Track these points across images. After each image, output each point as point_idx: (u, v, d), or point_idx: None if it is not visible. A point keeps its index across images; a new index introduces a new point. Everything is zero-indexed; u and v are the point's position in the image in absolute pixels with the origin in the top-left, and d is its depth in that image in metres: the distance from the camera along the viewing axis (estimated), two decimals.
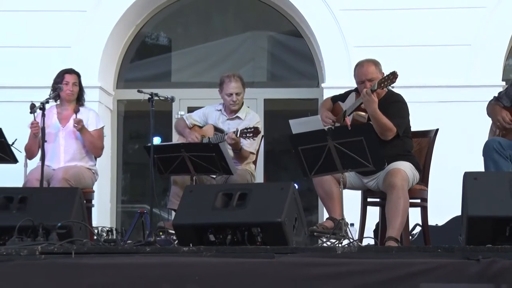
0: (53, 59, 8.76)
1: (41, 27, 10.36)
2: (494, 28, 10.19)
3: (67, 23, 10.41)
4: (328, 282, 4.57)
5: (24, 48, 10.26)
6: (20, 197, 5.61)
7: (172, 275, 4.69)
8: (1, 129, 7.02)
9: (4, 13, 10.44)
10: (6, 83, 10.06)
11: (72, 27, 10.45)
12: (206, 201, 5.31)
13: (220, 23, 11.69)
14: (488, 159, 6.10)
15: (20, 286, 4.67)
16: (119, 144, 11.20)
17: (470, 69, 10.07)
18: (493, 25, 10.18)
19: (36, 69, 8.97)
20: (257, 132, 7.26)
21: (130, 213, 10.88)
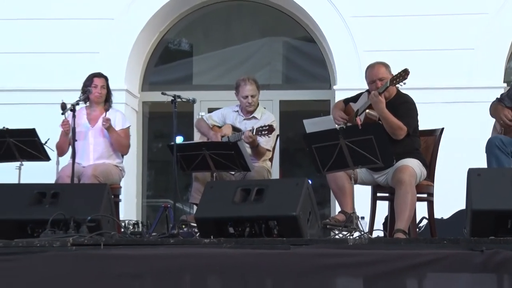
0: (83, 64, 8.78)
1: (72, 34, 10.39)
2: (495, 33, 10.17)
3: (96, 30, 10.44)
4: (340, 271, 4.58)
5: (56, 54, 10.29)
6: (52, 192, 5.63)
7: (194, 265, 4.70)
8: (34, 129, 7.05)
9: (37, 21, 10.47)
10: (39, 86, 10.09)
11: (101, 33, 10.47)
12: (225, 196, 5.32)
13: (239, 29, 11.68)
14: (490, 155, 6.08)
15: (53, 276, 4.69)
16: (144, 143, 11.22)
17: (473, 72, 10.05)
18: (494, 30, 10.16)
19: (67, 73, 9.00)
20: (271, 130, 7.26)
21: (155, 207, 10.90)
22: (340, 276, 4.59)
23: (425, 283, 4.54)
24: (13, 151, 7.08)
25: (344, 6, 10.37)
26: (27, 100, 9.87)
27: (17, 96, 10.05)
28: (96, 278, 4.67)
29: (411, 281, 4.55)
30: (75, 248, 4.78)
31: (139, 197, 11.01)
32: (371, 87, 6.69)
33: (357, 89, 7.23)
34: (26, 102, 9.77)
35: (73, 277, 4.68)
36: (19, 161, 7.25)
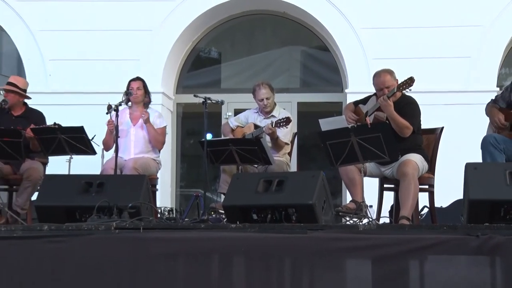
0: (126, 70, 8.81)
1: (116, 44, 10.46)
2: (489, 43, 10.16)
3: (136, 40, 10.49)
4: (351, 254, 4.57)
5: (102, 61, 10.36)
6: (98, 182, 5.65)
7: (222, 247, 4.70)
8: (82, 127, 7.06)
9: (87, 32, 10.54)
10: (87, 89, 10.15)
11: (141, 43, 10.52)
12: (250, 186, 5.31)
13: (261, 39, 11.68)
14: (485, 152, 6.05)
15: (98, 256, 4.70)
16: (178, 140, 11.25)
17: (470, 77, 10.04)
18: (488, 40, 10.15)
19: (111, 78, 9.03)
20: (289, 121, 7.27)
21: (187, 196, 10.91)
22: (351, 257, 4.59)
23: (426, 264, 4.52)
24: (64, 146, 7.10)
25: (355, 18, 10.37)
26: (77, 102, 9.93)
27: (68, 98, 10.10)
28: (135, 258, 4.69)
29: (414, 263, 4.54)
30: (118, 232, 4.80)
31: (173, 187, 11.04)
32: (379, 93, 6.66)
33: (366, 92, 7.21)
34: (76, 103, 9.83)
35: (116, 257, 4.70)
36: (69, 155, 7.26)
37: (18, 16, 10.82)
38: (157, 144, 7.76)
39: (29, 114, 7.63)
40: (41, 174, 7.17)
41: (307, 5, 10.56)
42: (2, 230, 5.06)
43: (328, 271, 4.57)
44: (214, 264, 4.71)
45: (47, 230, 4.86)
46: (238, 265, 4.70)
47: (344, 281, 4.64)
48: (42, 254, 4.73)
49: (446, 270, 4.45)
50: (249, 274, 4.68)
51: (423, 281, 4.51)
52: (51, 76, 10.62)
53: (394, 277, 4.49)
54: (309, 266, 4.58)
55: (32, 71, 10.62)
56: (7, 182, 7.46)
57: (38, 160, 7.41)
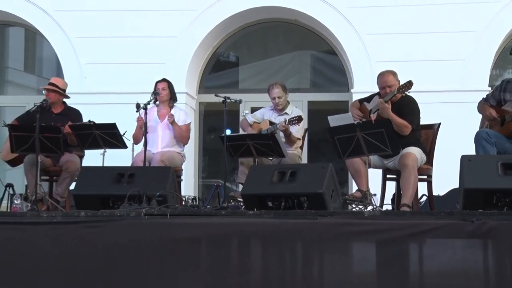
0: (153, 72, 8.81)
1: (144, 49, 10.49)
2: (482, 47, 10.12)
3: (163, 45, 10.51)
4: (357, 237, 4.57)
5: (132, 64, 10.39)
6: (129, 173, 5.68)
7: (240, 231, 4.71)
8: (115, 124, 7.07)
9: (118, 38, 10.56)
10: (119, 90, 10.17)
11: (167, 48, 10.54)
12: (265, 177, 5.31)
13: (275, 44, 11.68)
14: (478, 145, 6.02)
15: (129, 239, 4.72)
16: (200, 135, 11.26)
17: (464, 78, 9.99)
18: (481, 45, 10.11)
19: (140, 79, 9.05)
20: (300, 119, 7.29)
21: (209, 186, 10.93)
22: (357, 241, 4.59)
23: (425, 247, 4.51)
24: (98, 141, 7.12)
25: (360, 25, 10.35)
26: (109, 101, 9.94)
27: (101, 97, 10.12)
28: (162, 241, 4.70)
29: (414, 246, 4.53)
30: (147, 217, 4.82)
31: (196, 177, 11.04)
32: (382, 91, 6.65)
33: (370, 92, 7.20)
34: (108, 102, 9.84)
35: (145, 240, 4.71)
36: (103, 148, 7.28)
37: (57, 24, 10.87)
38: (182, 140, 7.77)
39: (68, 112, 7.66)
40: (78, 166, 7.21)
41: (316, 13, 10.56)
42: (44, 216, 5.11)
43: (336, 253, 4.58)
44: (233, 247, 4.72)
45: (84, 216, 4.89)
46: (255, 248, 4.71)
47: (351, 262, 4.64)
48: (79, 238, 4.75)
49: (443, 252, 4.44)
50: (265, 255, 4.69)
51: (422, 262, 4.51)
52: (86, 78, 10.66)
53: (396, 259, 4.48)
54: (319, 249, 4.59)
55: (70, 73, 10.64)
56: (48, 174, 7.50)
57: (76, 154, 7.45)
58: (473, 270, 4.39)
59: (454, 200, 6.12)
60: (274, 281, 4.60)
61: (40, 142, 6.73)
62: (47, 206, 6.95)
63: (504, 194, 4.73)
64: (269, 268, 4.64)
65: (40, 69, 12.26)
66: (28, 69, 12.41)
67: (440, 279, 4.39)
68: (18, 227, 4.83)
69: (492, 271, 4.39)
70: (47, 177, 7.52)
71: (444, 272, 4.39)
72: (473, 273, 4.38)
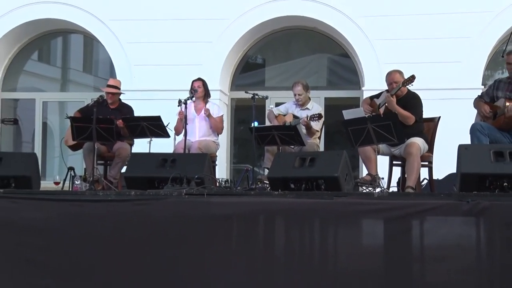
0: (192, 72, 8.78)
1: (184, 52, 10.53)
2: (476, 51, 10.06)
3: (200, 49, 10.53)
4: (367, 215, 4.55)
5: (174, 65, 10.43)
6: (171, 159, 5.68)
7: (266, 209, 4.70)
8: (159, 116, 7.10)
9: (161, 43, 10.61)
10: (162, 87, 10.21)
11: (203, 52, 10.55)
12: (288, 163, 5.29)
13: (296, 48, 11.63)
14: (473, 136, 5.96)
15: (172, 215, 4.73)
16: (231, 126, 11.28)
17: (461, 78, 9.93)
18: (476, 49, 10.05)
19: (181, 78, 9.03)
20: (320, 117, 7.26)
21: (239, 170, 10.92)
22: (367, 218, 4.57)
23: (426, 223, 4.48)
24: (145, 131, 7.16)
25: (370, 32, 10.31)
26: (155, 97, 9.97)
27: (148, 94, 10.14)
28: (200, 217, 4.71)
29: (416, 222, 4.50)
30: (187, 197, 4.83)
31: (228, 163, 11.07)
32: (389, 87, 6.64)
33: (378, 89, 7.15)
34: (154, 98, 9.86)
35: (185, 216, 4.73)
36: (149, 137, 7.32)
37: (111, 31, 10.92)
38: (217, 130, 7.79)
39: (122, 107, 7.74)
40: (128, 153, 7.27)
41: (332, 21, 10.53)
42: (100, 194, 5.15)
43: (349, 228, 4.56)
44: (260, 222, 4.72)
45: (133, 195, 4.92)
46: (279, 223, 4.70)
47: (362, 236, 4.63)
48: (129, 213, 4.79)
49: (442, 228, 4.42)
50: (287, 230, 4.69)
51: (423, 236, 4.48)
52: (135, 77, 10.71)
53: (401, 233, 4.47)
54: (334, 224, 4.58)
55: (121, 73, 10.69)
56: (103, 159, 7.57)
57: (126, 142, 7.50)
58: (467, 243, 4.36)
59: (451, 183, 6.06)
60: (295, 252, 4.61)
61: (96, 132, 6.81)
62: (102, 186, 7.01)
63: (496, 178, 4.68)
64: (291, 240, 4.64)
65: (96, 69, 12.35)
66: (86, 69, 12.50)
67: (438, 251, 4.37)
68: (79, 203, 4.88)
69: (483, 244, 4.37)
70: (102, 162, 7.59)
71: (442, 245, 4.37)
72: (467, 246, 4.36)
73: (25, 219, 4.78)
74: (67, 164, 7.88)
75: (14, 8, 11.09)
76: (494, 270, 4.29)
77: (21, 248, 4.76)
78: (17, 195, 4.92)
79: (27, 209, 4.81)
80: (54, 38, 12.08)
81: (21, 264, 4.75)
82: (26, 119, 11.85)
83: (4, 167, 5.46)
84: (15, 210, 4.81)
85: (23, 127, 12.11)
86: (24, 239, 4.77)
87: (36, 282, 4.73)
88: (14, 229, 4.78)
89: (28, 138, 12.05)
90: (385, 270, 4.46)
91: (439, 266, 4.34)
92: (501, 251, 4.31)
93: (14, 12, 11.14)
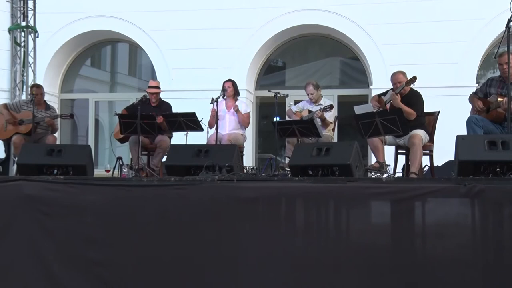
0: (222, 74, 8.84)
1: (215, 57, 10.64)
2: (471, 53, 10.05)
3: (229, 54, 10.63)
4: (376, 197, 4.50)
5: (207, 69, 10.51)
6: (205, 149, 5.67)
7: (288, 193, 4.67)
8: (194, 113, 7.13)
9: (196, 50, 10.70)
10: (197, 88, 10.26)
11: (232, 56, 10.65)
12: (307, 152, 5.25)
13: (313, 53, 11.63)
14: (469, 127, 5.92)
15: (206, 198, 4.73)
16: (256, 121, 11.31)
17: (457, 77, 9.93)
18: (470, 51, 10.05)
19: (213, 80, 9.05)
20: (332, 107, 7.30)
21: (263, 159, 10.92)
22: (376, 200, 4.52)
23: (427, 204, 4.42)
24: (182, 125, 7.20)
25: (377, 38, 10.34)
26: (191, 96, 9.98)
27: (185, 94, 10.20)
28: (230, 199, 4.70)
29: (419, 203, 4.43)
30: (219, 182, 4.81)
31: (254, 152, 11.09)
32: (394, 86, 6.61)
33: (385, 88, 7.13)
34: (190, 97, 9.84)
35: (218, 199, 4.72)
36: (185, 131, 7.36)
37: (152, 40, 11.02)
38: (244, 125, 7.82)
39: (162, 104, 7.79)
40: (168, 144, 7.31)
41: (344, 29, 10.55)
42: (145, 180, 5.18)
43: (360, 208, 4.53)
44: (283, 204, 4.69)
45: (173, 181, 4.92)
46: (299, 205, 4.67)
47: (371, 215, 4.59)
48: (170, 197, 4.79)
49: (441, 208, 4.35)
50: (306, 211, 4.65)
51: (424, 216, 4.41)
52: (173, 79, 10.77)
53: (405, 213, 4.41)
54: (347, 205, 4.54)
55: (161, 76, 10.78)
56: (146, 150, 7.62)
57: (166, 135, 7.54)
58: (464, 222, 4.30)
59: (450, 169, 6.02)
60: (313, 229, 4.59)
61: (140, 127, 6.85)
62: (146, 173, 7.07)
63: (489, 165, 4.61)
64: (309, 219, 4.62)
65: (140, 73, 12.43)
66: (131, 73, 12.58)
67: (438, 228, 4.32)
68: (126, 188, 4.90)
69: (477, 223, 4.30)
70: (146, 152, 7.64)
71: (441, 223, 4.32)
72: (463, 224, 4.29)
73: (81, 201, 4.83)
74: (116, 155, 7.96)
75: (70, 22, 11.26)
76: (488, 245, 4.23)
77: (79, 225, 4.81)
78: (75, 181, 4.97)
79: (83, 193, 4.85)
80: (104, 46, 12.20)
81: (78, 240, 4.81)
82: (81, 116, 11.99)
83: (64, 158, 5.53)
84: (73, 193, 4.86)
85: (78, 123, 12.25)
86: (81, 218, 4.82)
87: (91, 255, 4.78)
88: (73, 210, 4.83)
89: (83, 133, 12.19)
90: (391, 245, 4.43)
91: (438, 241, 4.29)
92: (493, 228, 4.25)
93: (71, 26, 11.30)
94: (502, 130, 5.91)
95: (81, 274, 4.76)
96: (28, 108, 7.61)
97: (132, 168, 7.13)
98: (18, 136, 7.53)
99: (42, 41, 10.56)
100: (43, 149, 5.62)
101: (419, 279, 4.29)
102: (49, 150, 5.58)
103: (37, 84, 8.43)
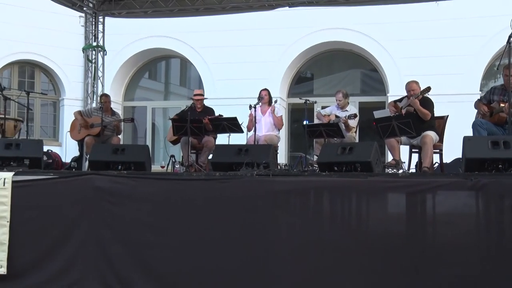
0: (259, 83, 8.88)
1: (254, 69, 10.78)
2: (475, 65, 10.01)
3: (266, 66, 10.81)
4: (393, 190, 4.44)
5: (246, 79, 10.58)
6: (245, 149, 5.64)
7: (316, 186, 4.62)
8: (236, 117, 7.16)
9: (237, 63, 10.87)
10: (238, 95, 10.24)
11: (268, 68, 10.76)
12: (332, 151, 5.20)
13: (337, 65, 11.58)
14: (474, 129, 5.82)
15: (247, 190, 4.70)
16: (288, 124, 11.32)
17: (463, 86, 9.88)
18: (475, 63, 10.01)
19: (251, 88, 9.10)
20: (356, 116, 7.27)
21: (295, 157, 10.92)
22: (392, 192, 4.47)
23: (437, 196, 4.35)
24: (225, 128, 7.24)
25: (394, 52, 10.35)
26: (232, 103, 9.94)
27: (227, 101, 10.14)
28: (267, 191, 4.68)
29: (430, 195, 4.36)
30: (257, 177, 4.80)
31: (286, 151, 11.11)
32: (408, 93, 6.56)
33: (399, 95, 7.03)
34: (232, 104, 9.81)
35: (256, 191, 4.70)
36: (228, 133, 7.41)
37: (200, 56, 11.16)
38: (279, 127, 7.82)
39: (206, 110, 7.83)
40: (213, 144, 7.35)
41: (364, 45, 10.56)
42: (194, 175, 5.22)
43: (379, 200, 4.47)
44: (311, 196, 4.65)
45: (218, 176, 4.93)
46: (326, 197, 4.63)
47: (388, 206, 4.53)
48: (216, 189, 4.79)
49: (450, 200, 4.29)
50: (331, 201, 4.61)
51: (435, 206, 4.35)
52: (217, 89, 10.86)
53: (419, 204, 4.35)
54: (367, 197, 4.49)
55: (207, 86, 10.92)
56: (194, 149, 7.68)
57: (211, 136, 7.60)
58: (469, 211, 4.22)
59: (458, 166, 5.92)
60: (337, 217, 4.56)
61: (190, 129, 6.93)
62: (195, 169, 7.14)
63: (493, 162, 4.52)
64: (335, 209, 4.59)
65: (189, 83, 12.55)
66: (182, 84, 12.73)
67: (447, 217, 4.26)
68: (179, 182, 4.92)
69: (481, 213, 4.22)
70: (194, 151, 7.71)
71: (450, 213, 4.25)
72: (469, 214, 4.22)
73: (141, 192, 4.88)
74: (169, 153, 8.07)
75: (131, 41, 11.58)
76: (490, 233, 4.16)
77: (138, 212, 4.89)
78: (136, 175, 5.04)
79: (142, 185, 4.91)
80: (159, 61, 12.38)
81: (138, 224, 4.88)
82: (140, 121, 12.19)
83: (127, 155, 5.62)
84: (134, 186, 4.92)
85: (138, 127, 12.46)
86: (140, 206, 4.89)
87: (147, 238, 4.83)
88: (133, 199, 4.90)
89: (142, 135, 12.40)
90: (405, 231, 4.38)
91: (447, 229, 4.23)
92: (496, 218, 4.18)
93: (132, 45, 11.62)
94: (503, 132, 5.80)
95: (134, 256, 4.80)
96: (97, 114, 7.79)
97: (183, 164, 7.22)
98: (90, 137, 7.72)
99: (109, 58, 10.77)
100: (109, 149, 5.73)
101: (429, 261, 4.23)
102: (114, 149, 5.68)
103: (105, 94, 8.61)
